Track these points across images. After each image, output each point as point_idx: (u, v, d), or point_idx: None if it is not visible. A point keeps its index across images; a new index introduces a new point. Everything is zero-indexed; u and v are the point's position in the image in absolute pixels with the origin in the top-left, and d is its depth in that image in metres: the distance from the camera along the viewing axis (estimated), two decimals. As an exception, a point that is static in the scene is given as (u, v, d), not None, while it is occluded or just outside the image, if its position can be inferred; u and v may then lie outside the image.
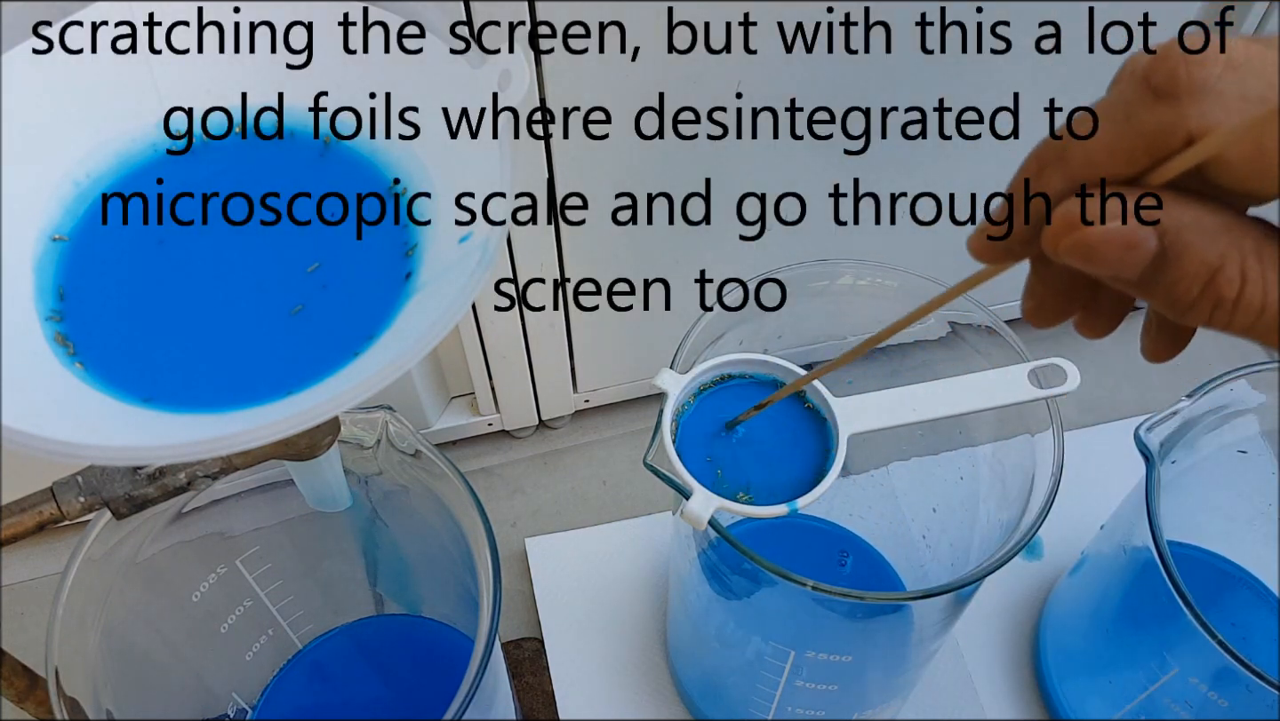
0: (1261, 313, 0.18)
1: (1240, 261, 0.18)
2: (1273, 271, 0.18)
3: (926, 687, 0.52)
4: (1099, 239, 0.19)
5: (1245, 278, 0.18)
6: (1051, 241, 0.19)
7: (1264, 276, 0.18)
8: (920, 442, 0.48)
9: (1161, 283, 0.19)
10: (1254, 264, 0.18)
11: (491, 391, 0.59)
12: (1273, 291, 0.18)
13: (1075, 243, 0.19)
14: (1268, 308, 0.18)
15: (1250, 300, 0.18)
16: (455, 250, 0.25)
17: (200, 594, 0.44)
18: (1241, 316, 0.19)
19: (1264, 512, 0.51)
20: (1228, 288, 0.18)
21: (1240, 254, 0.18)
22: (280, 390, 0.24)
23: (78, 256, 0.27)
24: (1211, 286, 0.19)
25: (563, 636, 0.54)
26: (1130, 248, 0.19)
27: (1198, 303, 0.19)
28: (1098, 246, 0.19)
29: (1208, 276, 0.18)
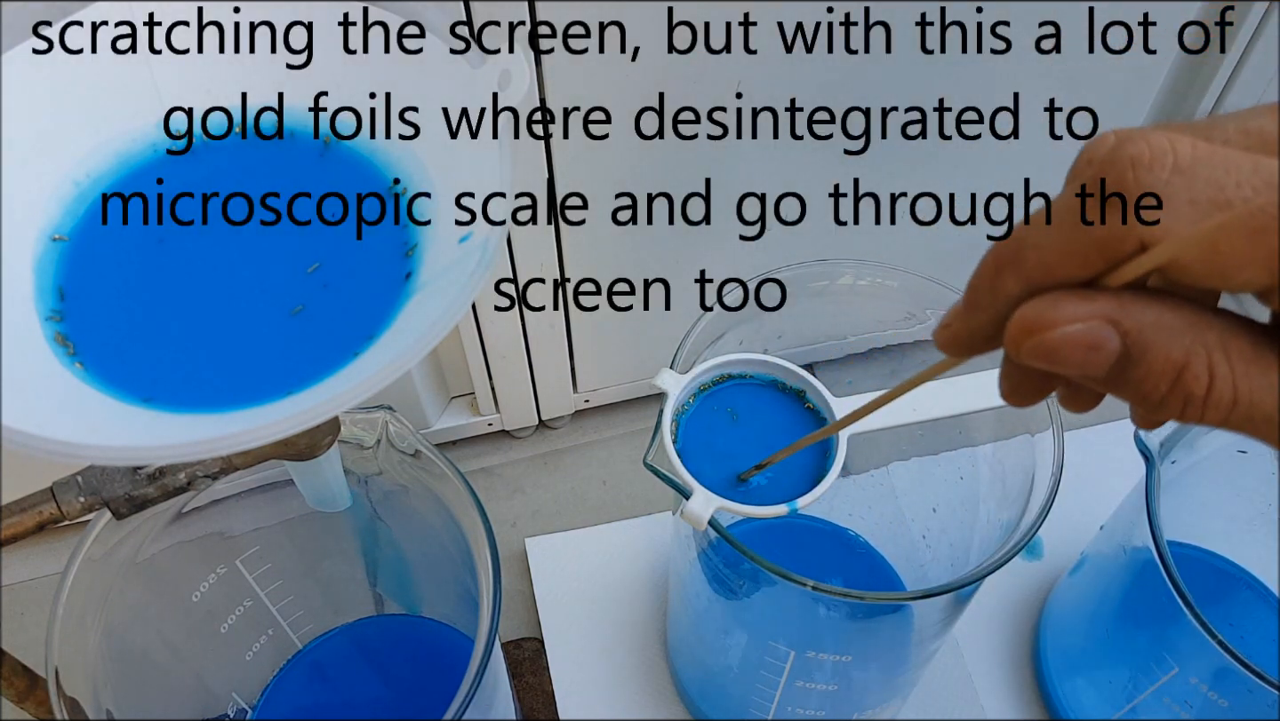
0: (1234, 406, 0.18)
1: (1206, 358, 0.18)
2: (1240, 364, 0.18)
3: (926, 687, 0.52)
4: (1059, 342, 0.19)
5: (1213, 374, 0.18)
6: (1013, 345, 0.20)
7: (1232, 371, 0.18)
8: (920, 442, 0.48)
9: (1129, 381, 0.19)
10: (1220, 359, 0.18)
11: (491, 391, 0.59)
12: (1242, 385, 0.18)
13: (1036, 346, 0.19)
14: (1239, 402, 0.18)
15: (1220, 396, 0.18)
16: (455, 250, 0.25)
17: (200, 594, 0.44)
18: (1213, 412, 0.19)
19: (1264, 512, 0.51)
20: (1195, 385, 0.18)
21: (1205, 350, 0.18)
22: (280, 390, 0.24)
23: (78, 256, 0.27)
24: (1179, 384, 0.19)
25: (563, 636, 0.54)
26: (1092, 349, 0.19)
27: (1167, 400, 0.19)
28: (1059, 349, 0.19)
29: (1174, 374, 0.19)
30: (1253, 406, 0.18)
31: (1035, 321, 0.19)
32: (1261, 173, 0.17)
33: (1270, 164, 0.17)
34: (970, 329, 0.21)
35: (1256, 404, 0.18)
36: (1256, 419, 0.18)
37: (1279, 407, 0.18)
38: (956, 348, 0.22)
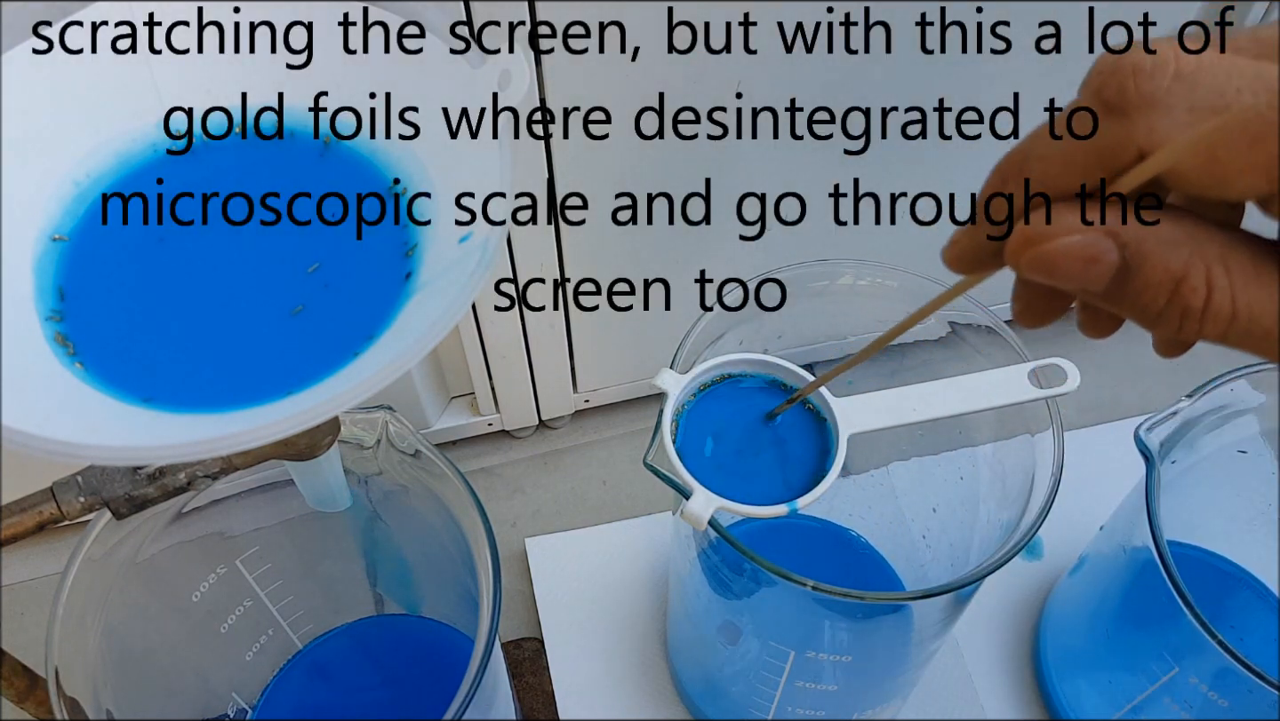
0: (1233, 319, 0.18)
1: (1205, 269, 0.18)
2: (1240, 278, 0.18)
3: (926, 687, 0.52)
4: (1058, 253, 0.19)
5: (1211, 285, 0.18)
6: (1012, 257, 0.19)
7: (1231, 284, 0.18)
8: (920, 442, 0.48)
9: (1128, 294, 0.19)
10: (1219, 271, 0.18)
11: (491, 391, 0.59)
12: (1241, 297, 0.18)
13: (1035, 258, 0.19)
14: (1238, 314, 0.18)
15: (1219, 308, 0.18)
16: (455, 250, 0.25)
17: (200, 594, 0.44)
18: (1212, 325, 0.18)
19: (1264, 512, 0.51)
20: (1193, 296, 0.18)
21: (1204, 262, 0.18)
22: (280, 390, 0.24)
23: (78, 256, 0.27)
24: (1177, 296, 0.18)
25: (563, 636, 0.54)
26: (1091, 261, 0.19)
27: (1165, 312, 0.19)
28: (1057, 261, 0.19)
29: (1172, 286, 0.18)
30: (1252, 320, 0.18)
31: (1034, 233, 0.19)
32: (1264, 78, 0.17)
33: (1272, 70, 0.17)
34: (976, 243, 0.21)
35: (1256, 318, 0.18)
36: (1255, 333, 0.18)
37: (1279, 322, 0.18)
38: (963, 263, 0.22)
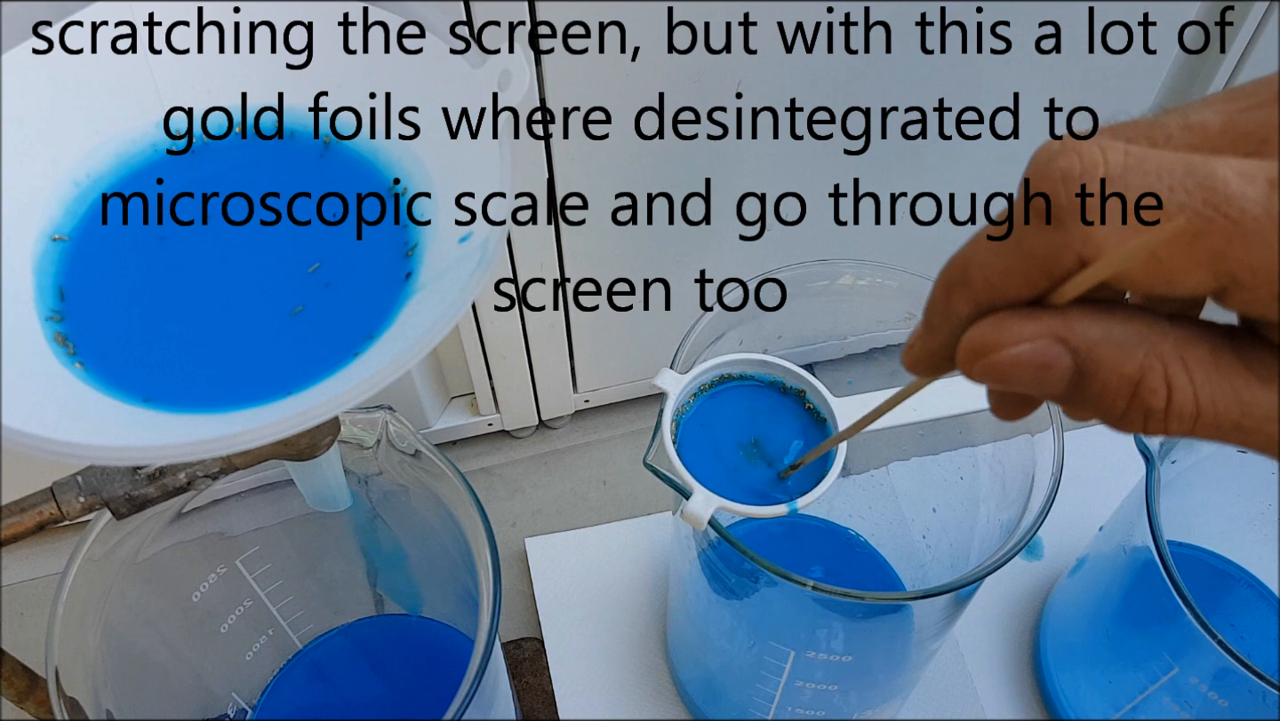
0: (1197, 417, 0.18)
1: (1162, 369, 0.18)
2: (1200, 373, 0.18)
3: (926, 687, 0.52)
4: (1008, 362, 0.18)
5: (1171, 385, 0.18)
6: (965, 367, 0.19)
7: (1191, 381, 0.18)
8: (920, 442, 0.48)
9: (1088, 398, 0.19)
10: (1178, 370, 0.18)
11: (491, 391, 0.59)
12: (1204, 394, 0.18)
13: (986, 367, 0.19)
14: (1202, 411, 0.18)
15: (1181, 408, 0.18)
16: (455, 250, 0.25)
17: (200, 594, 0.44)
18: (1176, 424, 0.18)
19: (1264, 513, 0.51)
20: (1153, 399, 0.18)
21: (1161, 362, 0.18)
22: (280, 390, 0.24)
23: (78, 256, 0.27)
24: (1137, 399, 0.18)
25: (563, 636, 0.54)
26: (1043, 368, 0.18)
27: (1128, 414, 0.18)
28: (1009, 370, 0.18)
29: (1130, 389, 0.18)
30: (1218, 415, 0.18)
31: (982, 343, 0.19)
32: (1195, 175, 0.16)
33: (1205, 165, 0.16)
34: (930, 350, 0.21)
35: (1222, 413, 0.18)
36: (1224, 427, 0.18)
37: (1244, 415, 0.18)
38: (920, 368, 0.22)
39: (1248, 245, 0.16)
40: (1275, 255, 0.16)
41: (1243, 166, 0.16)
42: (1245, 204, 0.16)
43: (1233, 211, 0.16)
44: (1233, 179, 0.16)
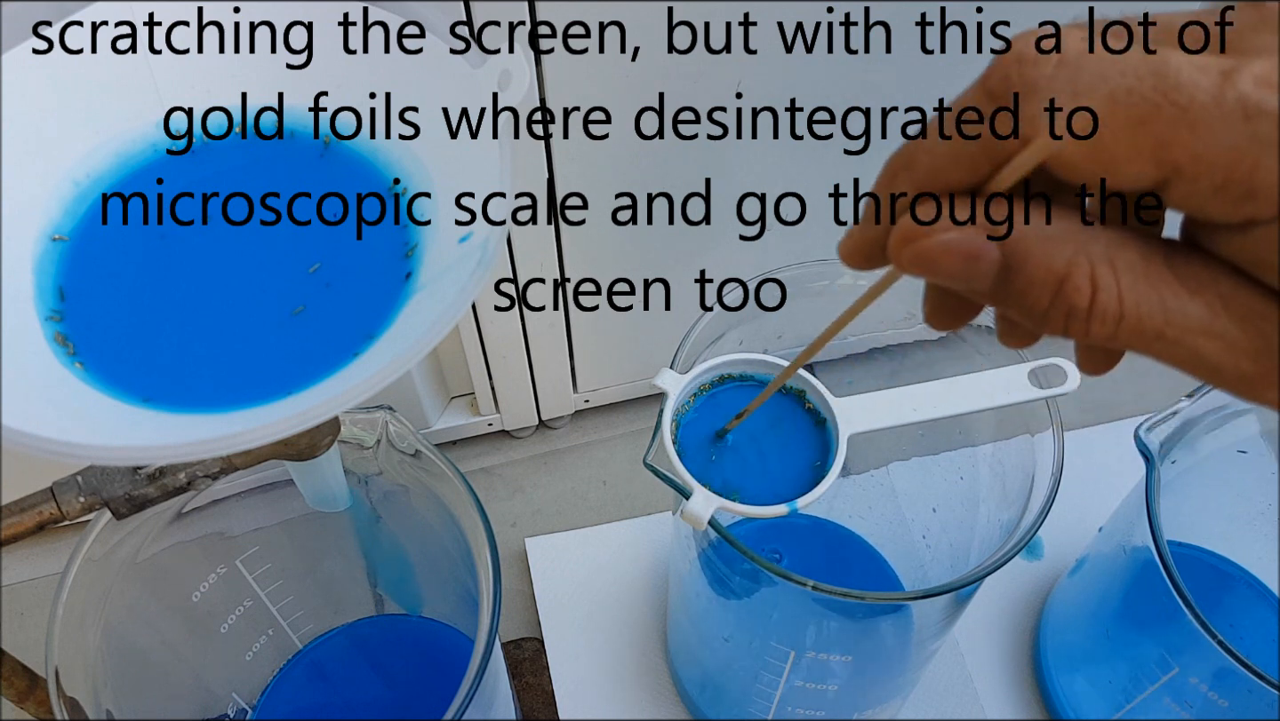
0: (1120, 320, 0.17)
1: (1089, 268, 0.17)
2: (1128, 276, 0.17)
3: (926, 687, 0.52)
4: (938, 250, 0.18)
5: (1096, 285, 0.17)
6: (894, 253, 0.19)
7: (1117, 283, 0.17)
8: (920, 442, 0.48)
9: (1012, 293, 0.18)
10: (1105, 271, 0.17)
11: (491, 391, 0.59)
12: (1129, 296, 0.17)
13: (915, 254, 0.18)
14: (1126, 314, 0.17)
15: (1104, 308, 0.17)
16: (455, 250, 0.25)
17: (200, 594, 0.44)
18: (1098, 325, 0.17)
19: (1264, 513, 0.51)
20: (1077, 296, 0.17)
21: (1089, 260, 0.17)
22: (280, 390, 0.24)
23: (78, 256, 0.27)
24: (1061, 295, 0.18)
25: (563, 636, 0.54)
26: (971, 258, 0.18)
27: (1050, 312, 0.18)
28: (937, 257, 0.18)
29: (1055, 285, 0.18)
30: (1140, 320, 0.17)
31: (913, 230, 0.18)
32: (1150, 63, 0.16)
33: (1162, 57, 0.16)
34: (868, 238, 0.21)
35: (1145, 318, 0.17)
36: (1146, 333, 0.17)
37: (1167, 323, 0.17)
38: (856, 258, 0.21)
39: (1193, 132, 0.16)
40: (1219, 144, 0.15)
41: (1199, 59, 0.16)
42: (1195, 92, 0.16)
43: (1181, 98, 0.16)
44: (1185, 67, 0.16)
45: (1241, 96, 0.15)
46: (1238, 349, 0.17)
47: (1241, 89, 0.15)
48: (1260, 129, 0.15)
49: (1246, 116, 0.15)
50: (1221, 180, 0.16)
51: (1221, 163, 0.15)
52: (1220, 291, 0.17)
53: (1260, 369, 0.17)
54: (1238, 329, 0.17)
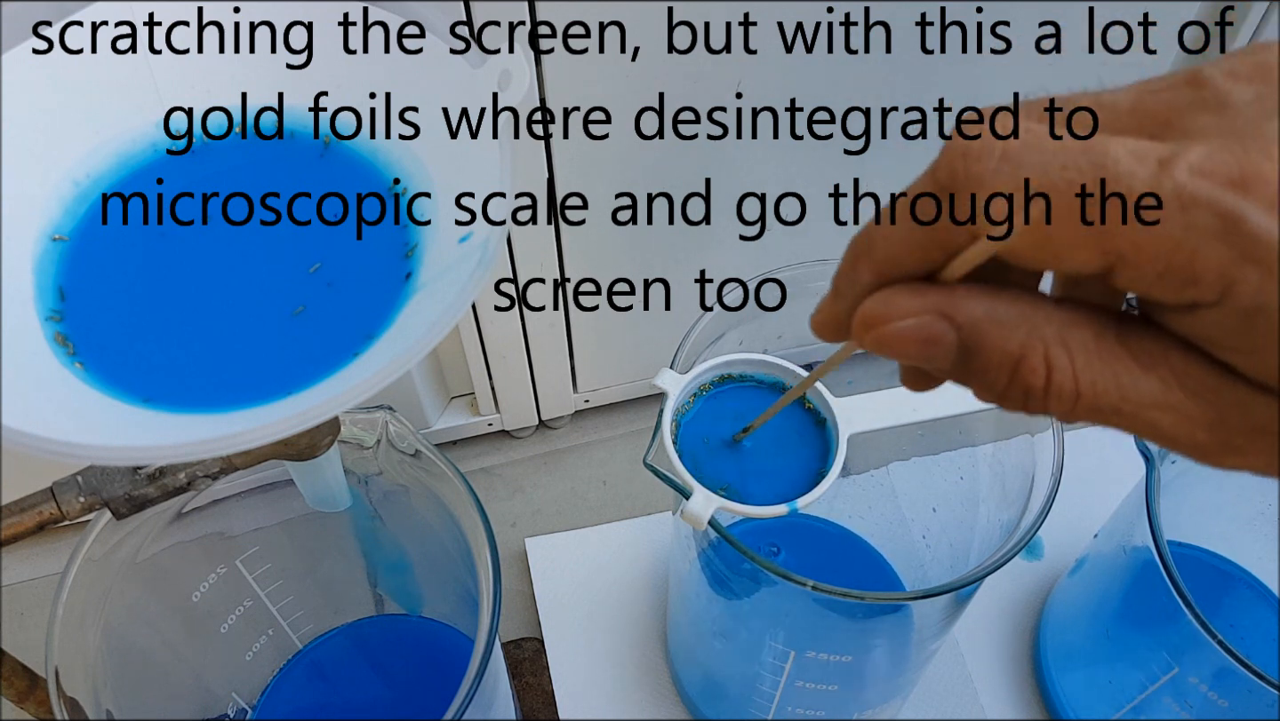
0: (1077, 398, 0.18)
1: (1043, 350, 0.18)
2: (1081, 356, 0.18)
3: (926, 687, 0.52)
4: (895, 335, 0.19)
5: (1051, 365, 0.18)
6: (857, 336, 0.20)
7: (1071, 363, 0.18)
8: (920, 442, 0.48)
9: (972, 374, 0.19)
10: (1059, 352, 0.18)
11: (491, 391, 0.59)
12: (1084, 376, 0.18)
13: (876, 339, 0.19)
14: (1081, 393, 0.18)
15: (1060, 387, 0.18)
16: (455, 250, 0.25)
17: (200, 594, 0.44)
18: (1055, 403, 0.18)
19: (1264, 513, 0.51)
20: (1033, 377, 0.18)
21: (1042, 342, 0.18)
22: (280, 390, 0.24)
23: (78, 256, 0.27)
24: (1018, 376, 0.18)
25: (563, 636, 0.54)
26: (928, 343, 0.19)
27: (1009, 392, 0.19)
28: (895, 342, 0.19)
29: (1011, 366, 0.18)
30: (1097, 397, 0.18)
31: (873, 315, 0.19)
32: (1090, 154, 0.16)
33: (1100, 142, 0.16)
34: (835, 316, 0.21)
35: (1100, 394, 0.18)
36: (1103, 409, 0.18)
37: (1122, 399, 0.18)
38: (825, 332, 0.22)
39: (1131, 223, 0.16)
40: (1158, 233, 0.16)
41: (1137, 146, 0.16)
42: (1133, 182, 0.16)
43: (1120, 188, 0.16)
44: (1124, 158, 0.16)
45: (1178, 186, 0.15)
46: (1193, 420, 0.17)
47: (1178, 179, 0.15)
48: (1197, 219, 0.15)
49: (1183, 207, 0.15)
50: (1164, 267, 0.16)
51: (1162, 251, 0.16)
52: (1172, 366, 0.17)
53: (1215, 439, 0.17)
54: (1191, 402, 0.17)
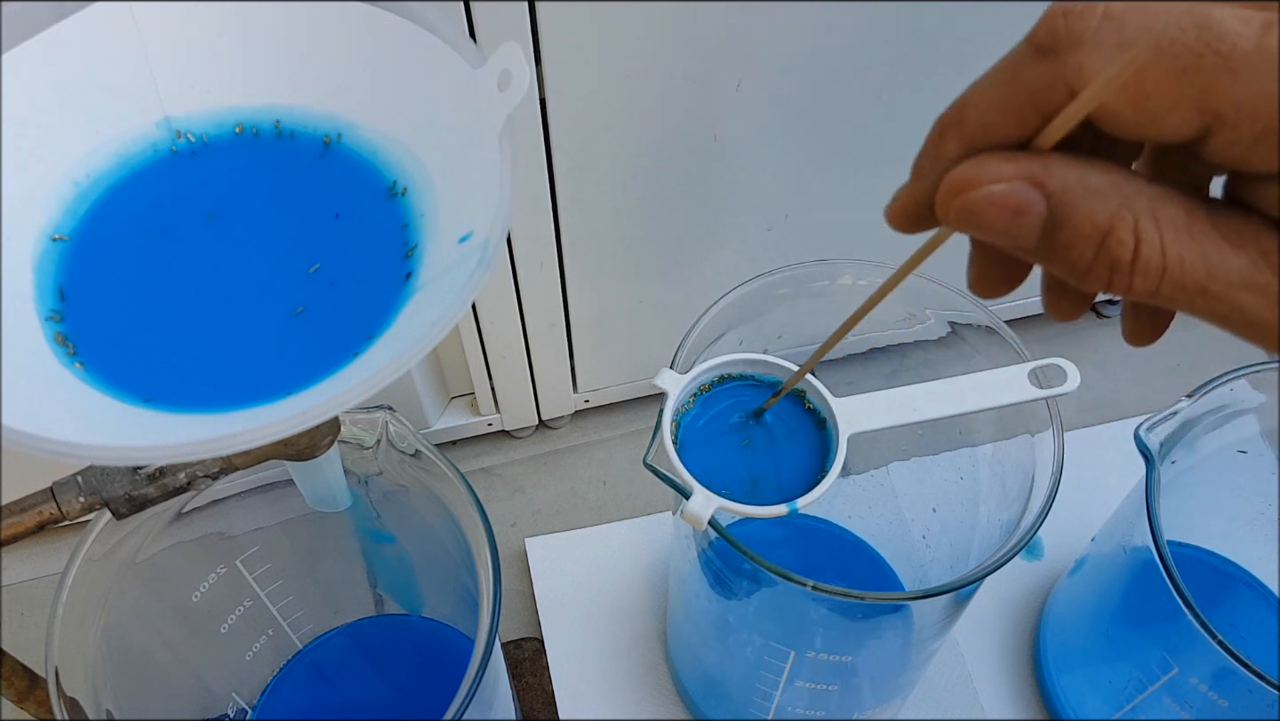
0: (1163, 273, 0.18)
1: (1133, 221, 0.18)
2: (1170, 230, 0.17)
3: (926, 687, 0.52)
4: (984, 203, 0.18)
5: (1140, 238, 0.18)
6: (941, 208, 0.19)
7: (1160, 236, 0.17)
8: (920, 442, 0.48)
9: (1057, 248, 0.18)
10: (1148, 225, 0.18)
11: (491, 391, 0.59)
12: (1171, 250, 0.17)
13: (961, 208, 0.19)
14: (1168, 268, 0.17)
15: (1148, 261, 0.18)
16: (455, 250, 0.25)
17: (200, 594, 0.44)
18: (1141, 280, 0.18)
19: (1264, 512, 0.51)
20: (1120, 249, 0.18)
21: (1132, 214, 0.18)
22: (280, 390, 0.24)
23: (78, 256, 0.27)
24: (1104, 249, 0.18)
25: (563, 636, 0.54)
26: (1017, 212, 0.18)
27: (1094, 267, 0.18)
28: (983, 211, 0.18)
29: (1099, 238, 0.18)
30: (1184, 274, 0.17)
31: (962, 181, 0.19)
32: (1193, 14, 0.16)
33: (1203, 7, 0.16)
34: (916, 198, 0.21)
35: (1188, 271, 0.17)
36: (1189, 287, 0.18)
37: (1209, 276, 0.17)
38: (903, 220, 0.22)
39: (1235, 80, 0.16)
40: (1261, 91, 0.16)
41: (1240, 10, 0.16)
42: (1238, 40, 0.16)
43: (1223, 47, 0.16)
44: (1228, 18, 0.16)
45: None
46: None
47: None
48: None
49: None
50: (1263, 128, 0.16)
51: (1263, 110, 0.16)
52: (1262, 246, 0.17)
53: None
54: None
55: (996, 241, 0.19)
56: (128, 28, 0.28)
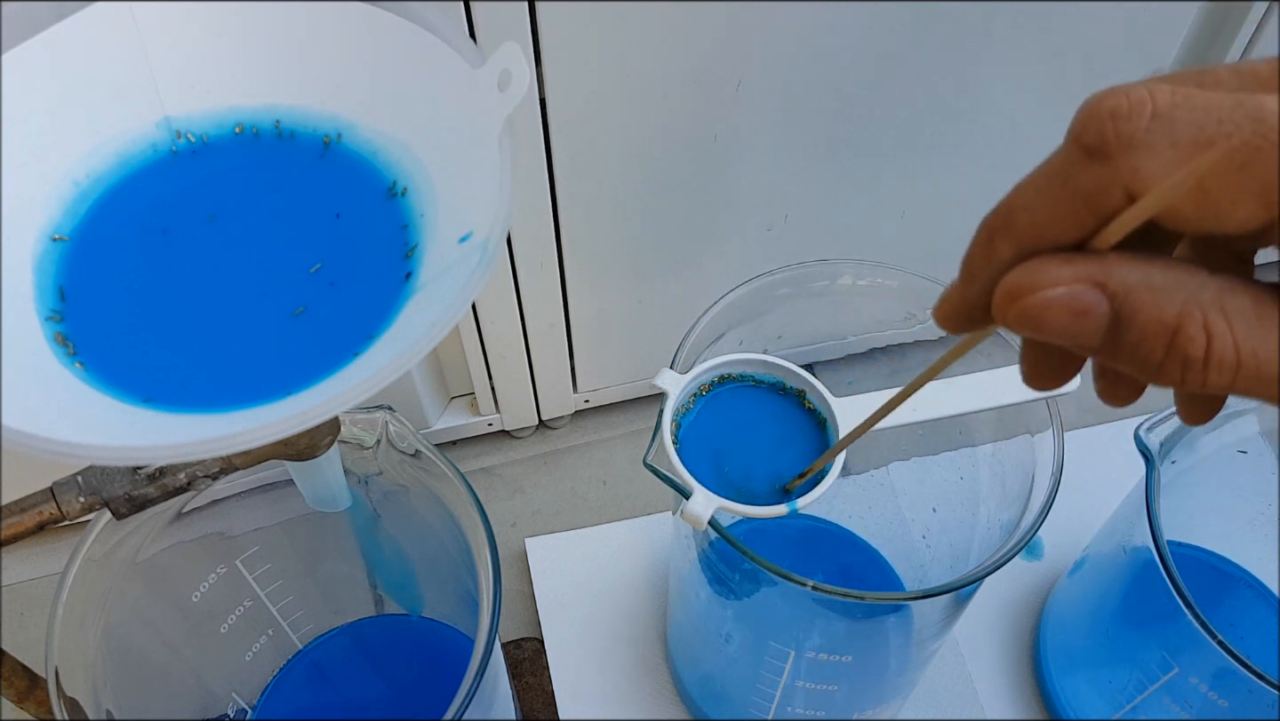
0: (1238, 369, 0.17)
1: (1201, 317, 0.17)
2: (1240, 323, 0.17)
3: (926, 687, 0.52)
4: (1044, 306, 0.18)
5: (1210, 333, 0.17)
6: (999, 312, 0.19)
7: (1231, 329, 0.17)
8: (920, 442, 0.48)
9: (1124, 347, 0.18)
10: (1218, 319, 0.17)
11: (491, 391, 0.59)
12: (1245, 344, 0.17)
13: (1022, 312, 0.18)
14: (1243, 362, 0.17)
15: (1221, 357, 0.17)
16: (455, 250, 0.25)
17: (200, 594, 0.44)
18: (1215, 374, 0.17)
19: (1264, 512, 0.51)
20: (1191, 347, 0.17)
21: (1200, 309, 0.17)
22: (280, 390, 0.24)
23: (78, 256, 0.27)
24: (1175, 347, 0.18)
25: (563, 636, 0.54)
26: (1079, 314, 0.18)
27: (1165, 365, 0.18)
28: (1044, 315, 0.18)
29: (1168, 336, 0.18)
30: (1259, 366, 0.17)
31: (1019, 286, 0.18)
32: (1244, 108, 0.16)
33: (1253, 99, 0.16)
34: (967, 300, 0.20)
35: (1263, 363, 0.17)
36: (1265, 378, 0.17)
37: None
38: (953, 322, 0.21)
39: None
40: None
41: None
42: None
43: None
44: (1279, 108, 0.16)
45: None
46: None
47: None
48: None
49: None
50: None
51: None
52: None
53: None
54: None
55: (1057, 342, 0.19)
56: (128, 28, 0.28)
